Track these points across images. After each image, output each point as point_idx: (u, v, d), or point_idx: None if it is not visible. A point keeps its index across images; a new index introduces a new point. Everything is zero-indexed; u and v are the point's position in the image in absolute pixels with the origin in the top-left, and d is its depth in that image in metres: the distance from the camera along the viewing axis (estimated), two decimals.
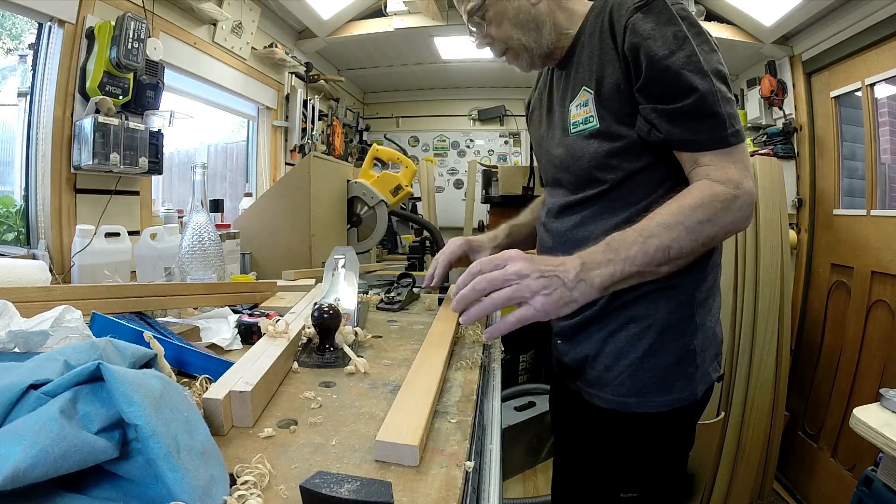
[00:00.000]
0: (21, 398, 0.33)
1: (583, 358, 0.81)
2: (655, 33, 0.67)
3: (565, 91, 0.83)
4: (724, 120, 0.67)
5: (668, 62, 0.66)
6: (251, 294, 0.99)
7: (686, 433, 0.81)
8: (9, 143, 1.44)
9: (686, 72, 0.66)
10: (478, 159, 3.98)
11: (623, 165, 0.74)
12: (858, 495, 1.09)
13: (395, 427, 0.44)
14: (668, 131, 0.69)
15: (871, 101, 2.08)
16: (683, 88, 0.66)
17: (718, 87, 0.66)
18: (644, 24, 0.68)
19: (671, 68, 0.66)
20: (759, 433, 2.01)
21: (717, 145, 0.67)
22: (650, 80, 0.68)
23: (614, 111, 0.74)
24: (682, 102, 0.67)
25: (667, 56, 0.67)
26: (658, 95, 0.69)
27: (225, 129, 2.81)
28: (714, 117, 0.67)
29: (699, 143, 0.68)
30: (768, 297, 1.97)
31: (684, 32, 0.67)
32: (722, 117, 0.66)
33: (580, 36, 0.80)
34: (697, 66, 0.66)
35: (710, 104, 0.66)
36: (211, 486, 0.34)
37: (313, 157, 1.41)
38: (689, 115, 0.67)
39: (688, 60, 0.66)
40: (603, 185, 0.77)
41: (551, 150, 0.86)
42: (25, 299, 0.65)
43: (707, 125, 0.67)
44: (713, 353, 0.79)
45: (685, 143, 0.69)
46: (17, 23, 1.51)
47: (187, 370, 0.61)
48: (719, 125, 0.67)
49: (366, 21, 2.82)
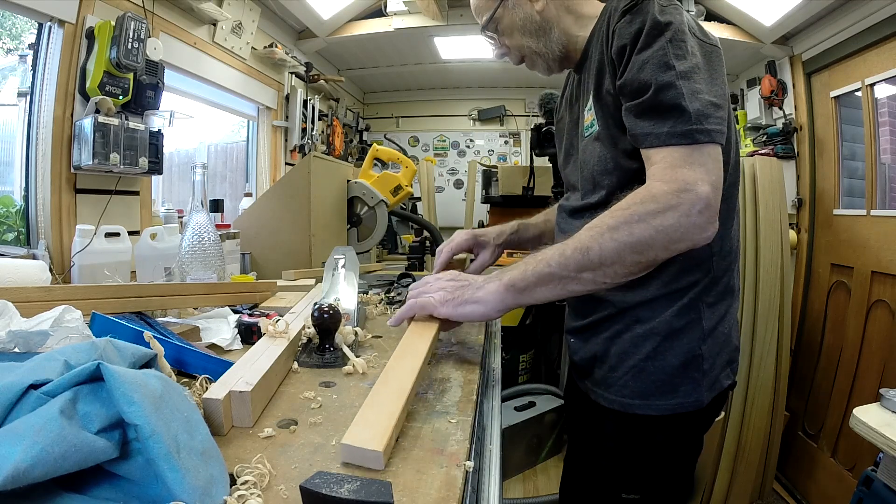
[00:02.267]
0: (21, 398, 0.33)
1: (591, 357, 0.81)
2: (636, 36, 0.67)
3: (580, 96, 0.84)
4: (689, 114, 0.62)
5: (636, 58, 0.66)
6: (251, 294, 0.99)
7: (691, 440, 0.80)
8: (9, 143, 1.44)
9: (649, 66, 0.64)
10: (478, 159, 3.99)
11: (621, 169, 0.74)
12: (858, 495, 1.09)
13: (362, 429, 0.43)
14: (632, 125, 0.67)
15: (871, 101, 2.08)
16: (646, 83, 0.65)
17: (685, 83, 0.63)
18: (628, 27, 0.68)
19: (636, 64, 0.66)
20: (759, 433, 2.01)
21: (678, 140, 0.62)
22: (624, 80, 0.68)
23: (610, 115, 0.74)
24: (643, 97, 0.65)
25: (636, 54, 0.66)
26: (629, 94, 0.68)
27: (225, 129, 2.81)
28: (676, 110, 0.63)
29: (657, 136, 0.64)
30: (768, 297, 1.97)
31: (662, 33, 0.65)
32: (686, 111, 0.62)
33: (591, 40, 0.81)
34: (663, 60, 0.64)
35: (672, 97, 0.63)
36: (211, 486, 0.34)
37: (313, 157, 1.41)
38: (651, 109, 0.64)
39: (653, 56, 0.65)
40: (604, 190, 0.77)
41: (571, 154, 0.88)
42: (25, 299, 0.65)
43: (669, 119, 0.63)
44: (725, 359, 0.77)
45: (645, 137, 0.65)
46: (17, 23, 1.51)
47: (187, 370, 0.61)
48: (683, 119, 0.62)
49: (366, 21, 2.82)
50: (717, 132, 0.63)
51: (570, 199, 0.89)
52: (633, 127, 0.67)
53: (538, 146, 2.28)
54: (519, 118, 4.02)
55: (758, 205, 1.99)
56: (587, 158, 0.80)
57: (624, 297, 0.76)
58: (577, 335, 0.85)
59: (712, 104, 0.64)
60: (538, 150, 2.30)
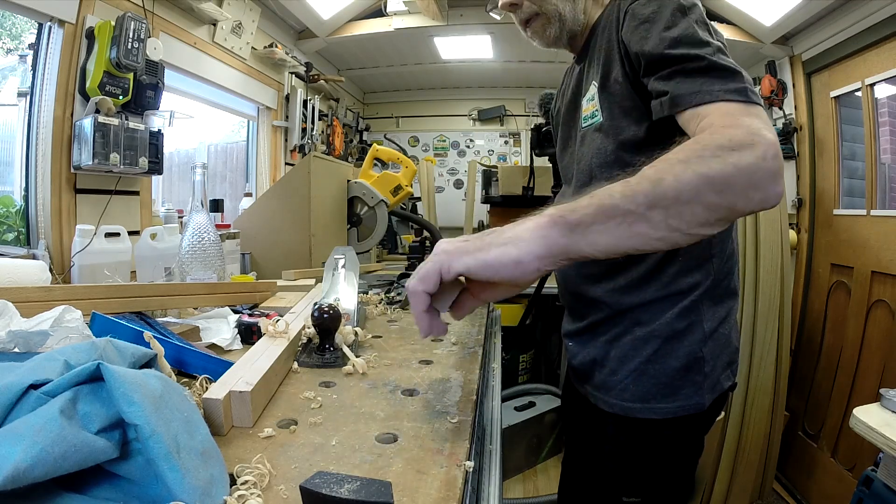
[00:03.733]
0: (21, 398, 0.33)
1: (590, 361, 0.80)
2: (653, 15, 0.65)
3: (580, 86, 0.82)
4: (741, 76, 0.58)
5: (665, 34, 0.63)
6: (251, 294, 0.99)
7: (692, 442, 0.79)
8: (9, 143, 1.44)
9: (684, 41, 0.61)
10: (478, 159, 3.98)
11: (621, 162, 0.73)
12: (858, 495, 1.09)
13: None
14: (676, 88, 0.60)
15: (871, 101, 2.08)
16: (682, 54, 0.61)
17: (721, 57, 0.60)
18: (644, 8, 0.66)
19: (665, 39, 0.62)
20: (759, 433, 2.01)
21: (735, 97, 0.56)
22: (652, 50, 0.63)
23: (617, 105, 0.72)
24: (684, 64, 0.60)
25: (665, 28, 0.63)
26: (662, 62, 0.63)
27: (225, 129, 2.81)
28: (728, 71, 0.58)
29: (710, 92, 0.57)
30: (768, 297, 1.97)
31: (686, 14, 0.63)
32: (739, 73, 0.58)
33: (596, 28, 0.79)
34: (697, 37, 0.61)
35: (722, 61, 0.59)
36: (211, 486, 0.34)
37: (313, 157, 1.41)
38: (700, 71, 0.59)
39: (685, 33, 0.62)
40: (602, 182, 0.76)
41: (568, 146, 0.86)
42: (25, 299, 0.65)
43: (722, 78, 0.58)
44: (726, 360, 0.76)
45: (695, 95, 0.58)
46: (17, 23, 1.51)
47: (187, 370, 0.61)
48: (738, 78, 0.58)
49: (366, 21, 2.82)
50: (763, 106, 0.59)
51: (565, 193, 0.88)
52: (676, 89, 0.60)
53: (538, 146, 2.28)
54: (519, 118, 4.02)
55: None
56: (585, 150, 0.78)
57: (621, 299, 0.76)
58: (575, 338, 0.85)
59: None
60: (538, 150, 2.29)
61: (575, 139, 0.83)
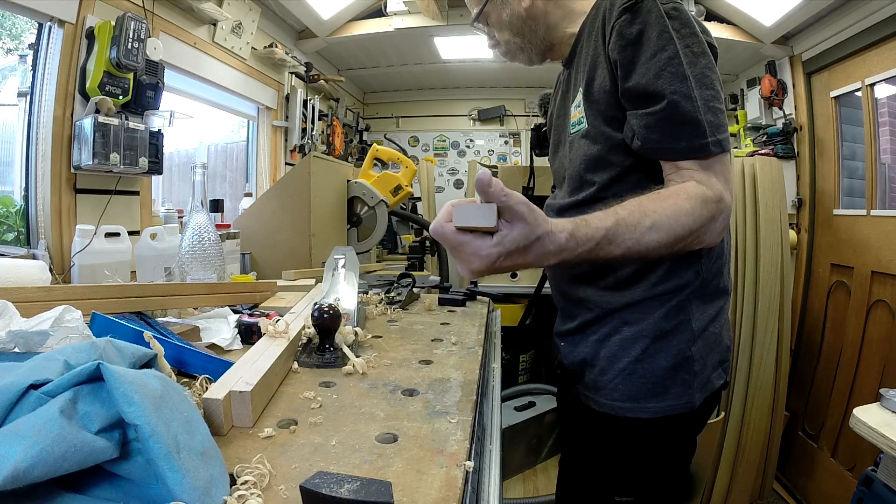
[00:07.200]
0: (21, 398, 0.33)
1: (581, 361, 0.81)
2: (639, 36, 0.66)
3: (569, 92, 0.83)
4: (703, 127, 0.64)
5: (648, 65, 0.65)
6: (251, 294, 0.99)
7: (684, 441, 0.79)
8: (9, 143, 1.44)
9: (665, 73, 0.64)
10: (478, 159, 3.99)
11: (609, 169, 0.74)
12: (858, 495, 1.09)
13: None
14: (645, 137, 0.67)
15: (871, 101, 2.08)
16: (658, 92, 0.64)
17: (700, 92, 0.64)
18: (629, 27, 0.66)
19: (649, 71, 0.65)
20: (758, 433, 2.01)
21: (696, 154, 0.64)
22: (630, 85, 0.67)
23: (601, 113, 0.73)
24: (656, 106, 0.65)
25: (647, 59, 0.65)
26: (637, 100, 0.67)
27: (225, 129, 2.81)
28: (691, 123, 0.64)
29: (675, 151, 0.65)
30: (768, 297, 1.97)
31: (669, 33, 0.65)
32: (701, 124, 0.64)
33: (581, 35, 0.80)
34: (678, 69, 0.64)
35: (687, 110, 0.63)
36: (211, 486, 0.34)
37: (313, 157, 1.41)
38: (665, 121, 0.65)
39: (668, 62, 0.64)
40: (591, 188, 0.76)
41: (559, 150, 0.88)
42: (25, 299, 0.65)
43: (686, 132, 0.64)
44: (717, 359, 0.77)
45: (663, 151, 0.67)
46: (17, 23, 1.51)
47: (187, 370, 0.61)
48: (698, 133, 0.64)
49: (366, 21, 2.82)
50: (726, 140, 0.66)
51: (556, 196, 0.88)
52: (645, 138, 0.67)
53: (538, 146, 2.28)
54: (519, 118, 4.02)
55: (758, 205, 1.99)
56: (574, 156, 0.79)
57: (610, 299, 0.76)
58: (567, 339, 0.85)
59: (721, 111, 0.66)
60: (538, 150, 2.30)
61: (565, 143, 0.84)
